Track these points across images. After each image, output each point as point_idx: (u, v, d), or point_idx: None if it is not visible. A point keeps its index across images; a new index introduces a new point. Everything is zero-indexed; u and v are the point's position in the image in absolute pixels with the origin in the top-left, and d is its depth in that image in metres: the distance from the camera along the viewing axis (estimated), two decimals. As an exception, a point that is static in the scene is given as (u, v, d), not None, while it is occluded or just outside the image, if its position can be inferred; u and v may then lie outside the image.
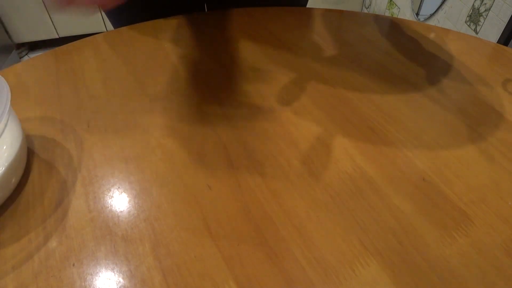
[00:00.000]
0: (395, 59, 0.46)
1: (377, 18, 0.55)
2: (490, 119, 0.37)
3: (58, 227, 0.30)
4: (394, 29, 0.53)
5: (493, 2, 1.19)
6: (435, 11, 1.53)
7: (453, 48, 0.49)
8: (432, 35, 0.51)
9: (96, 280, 0.26)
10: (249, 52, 0.47)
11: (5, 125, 0.28)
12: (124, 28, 0.53)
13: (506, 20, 1.14)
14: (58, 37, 1.84)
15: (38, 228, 0.30)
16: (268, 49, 0.48)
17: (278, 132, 0.36)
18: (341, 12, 0.56)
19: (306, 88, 0.41)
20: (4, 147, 0.31)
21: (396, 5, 1.83)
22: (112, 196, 0.32)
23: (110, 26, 1.84)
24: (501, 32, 1.16)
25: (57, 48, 0.49)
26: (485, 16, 1.24)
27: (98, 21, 1.81)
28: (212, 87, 0.42)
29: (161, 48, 0.48)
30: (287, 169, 0.33)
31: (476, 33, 1.30)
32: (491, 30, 1.22)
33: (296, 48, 0.48)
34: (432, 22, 1.56)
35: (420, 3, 1.58)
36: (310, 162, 0.34)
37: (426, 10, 1.58)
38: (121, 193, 0.32)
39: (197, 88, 0.42)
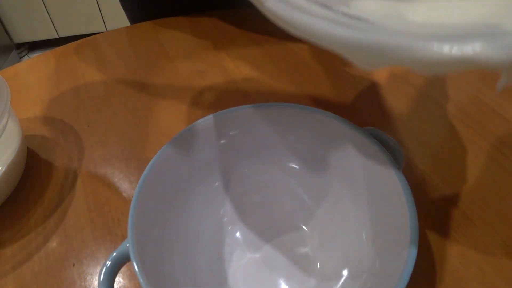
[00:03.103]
0: (395, 59, 0.46)
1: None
2: (490, 119, 0.37)
3: (58, 227, 0.30)
4: (394, 29, 0.53)
5: (493, 2, 1.19)
6: (435, 11, 1.53)
7: (453, 48, 0.48)
8: (432, 35, 0.51)
9: (96, 280, 0.26)
10: (249, 51, 0.47)
11: (5, 125, 0.28)
12: (124, 28, 0.53)
13: (506, 20, 1.14)
14: (58, 37, 1.84)
15: (38, 228, 0.30)
16: (268, 49, 0.48)
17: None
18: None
19: (306, 88, 0.41)
20: (4, 147, 0.31)
21: (396, 5, 1.83)
22: (112, 196, 0.32)
23: (110, 26, 1.84)
24: (501, 32, 1.16)
25: (57, 48, 0.49)
26: (485, 16, 1.24)
27: (98, 21, 1.81)
28: (212, 87, 0.42)
29: (161, 48, 0.48)
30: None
31: (476, 33, 1.30)
32: (491, 30, 1.22)
33: (296, 48, 0.48)
34: (432, 22, 1.56)
35: (420, 3, 1.58)
36: (310, 162, 0.33)
37: (426, 10, 1.58)
38: (121, 193, 0.32)
39: (197, 88, 0.42)
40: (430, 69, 0.13)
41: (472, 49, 0.12)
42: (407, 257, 0.19)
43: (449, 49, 0.12)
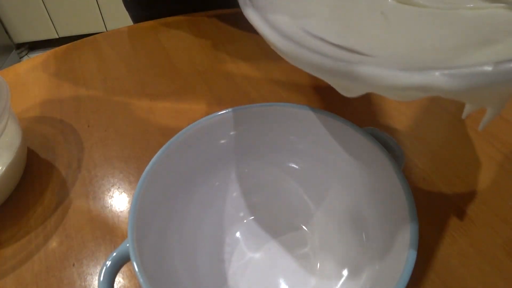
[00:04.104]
0: (395, 59, 0.46)
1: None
2: (490, 119, 0.37)
3: (58, 227, 0.30)
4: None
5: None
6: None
7: (453, 48, 0.48)
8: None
9: (96, 280, 0.26)
10: (249, 51, 0.47)
11: (5, 125, 0.28)
12: (124, 28, 0.53)
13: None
14: (58, 37, 1.84)
15: (38, 228, 0.30)
16: (268, 49, 0.48)
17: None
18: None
19: (305, 87, 0.41)
20: (4, 147, 0.31)
21: (396, 5, 1.82)
22: (112, 196, 0.32)
23: (110, 26, 1.84)
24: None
25: (57, 48, 0.49)
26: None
27: (98, 21, 1.81)
28: (212, 87, 0.42)
29: (161, 48, 0.48)
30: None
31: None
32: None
33: (296, 48, 0.48)
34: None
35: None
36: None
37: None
38: (121, 193, 0.32)
39: (197, 88, 0.42)
40: (397, 94, 0.15)
41: (431, 78, 0.13)
42: (407, 257, 0.19)
43: (411, 78, 0.13)
